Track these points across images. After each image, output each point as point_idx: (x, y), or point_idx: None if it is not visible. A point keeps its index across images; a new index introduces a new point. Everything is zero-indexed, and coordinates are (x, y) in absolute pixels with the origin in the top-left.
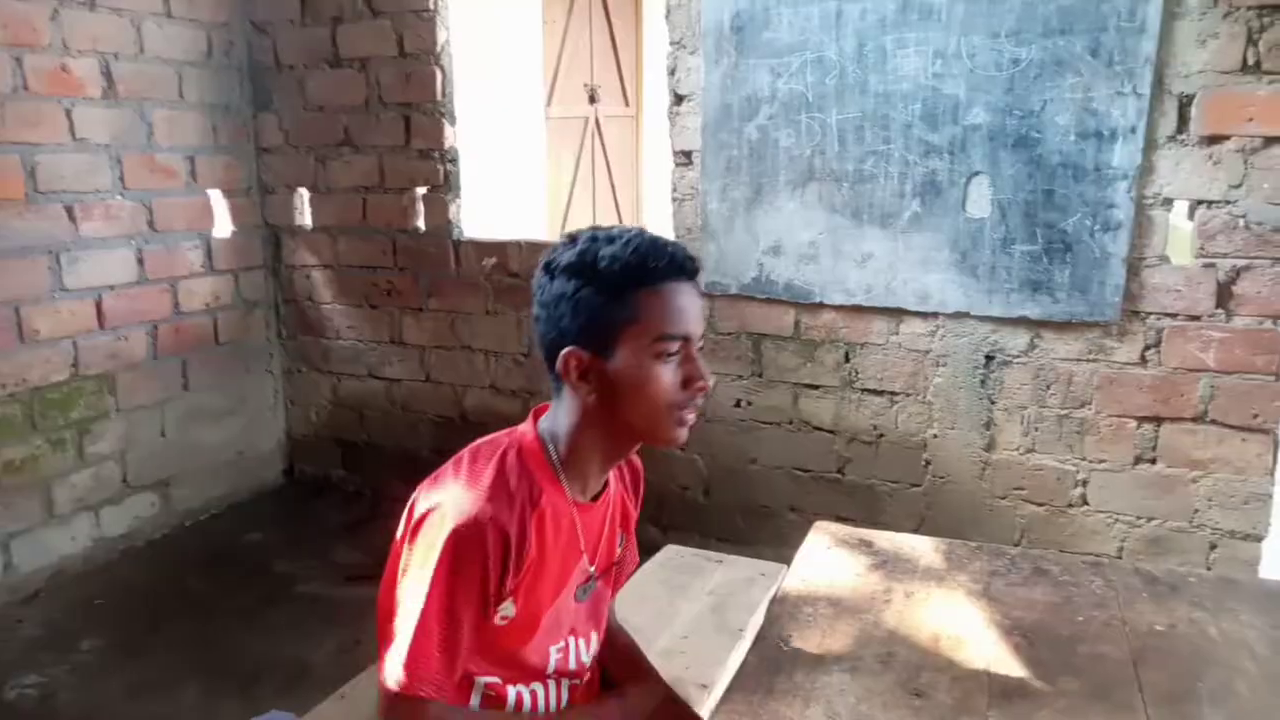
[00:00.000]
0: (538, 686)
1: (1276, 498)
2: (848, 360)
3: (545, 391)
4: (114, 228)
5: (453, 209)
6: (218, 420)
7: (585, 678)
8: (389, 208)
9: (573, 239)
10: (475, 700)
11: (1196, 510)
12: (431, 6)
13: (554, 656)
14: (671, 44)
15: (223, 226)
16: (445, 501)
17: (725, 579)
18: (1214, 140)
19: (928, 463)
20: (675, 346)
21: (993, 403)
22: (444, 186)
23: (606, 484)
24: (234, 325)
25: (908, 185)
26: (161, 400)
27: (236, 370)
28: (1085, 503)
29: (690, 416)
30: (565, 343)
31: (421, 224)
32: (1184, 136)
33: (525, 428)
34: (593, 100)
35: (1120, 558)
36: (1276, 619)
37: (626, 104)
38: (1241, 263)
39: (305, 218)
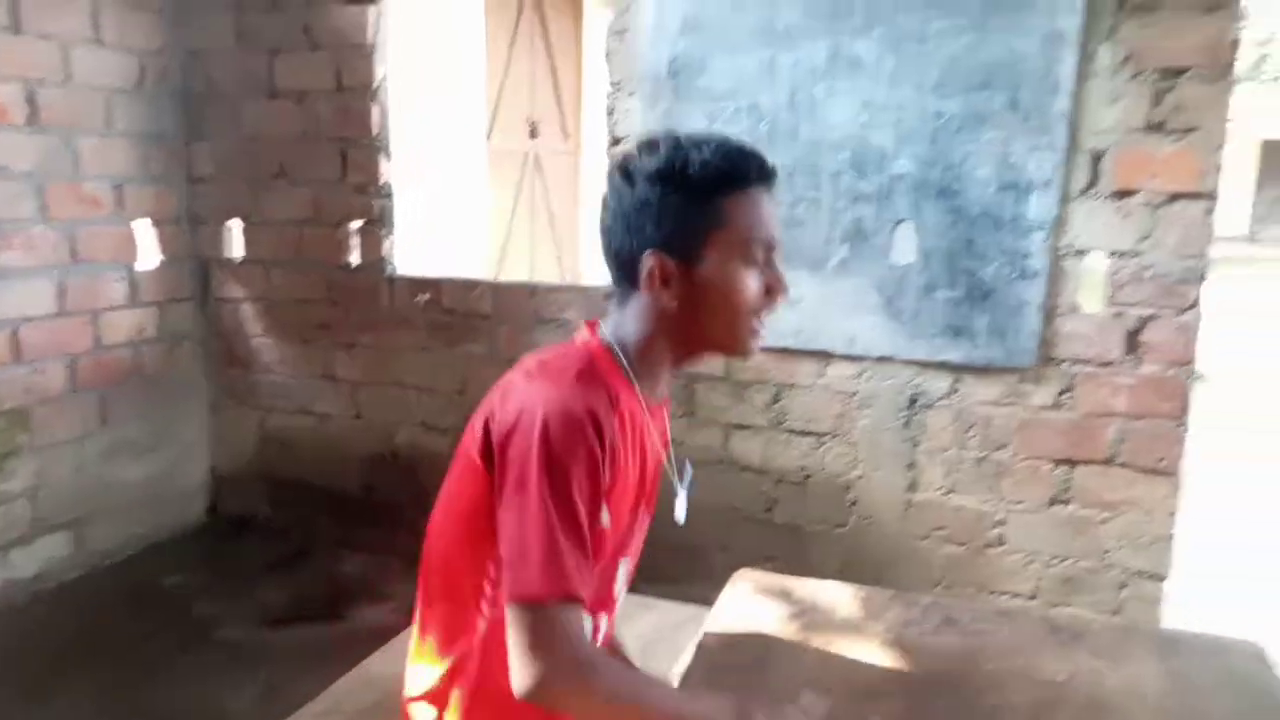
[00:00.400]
0: (602, 616)
1: (1179, 539)
2: (777, 401)
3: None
4: (34, 258)
5: (387, 244)
6: (138, 456)
7: (619, 603)
8: (324, 242)
9: (653, 145)
10: None
11: (1107, 550)
12: (370, 41)
13: (620, 573)
14: (610, 85)
15: (150, 257)
16: (533, 403)
17: (653, 623)
18: (1124, 194)
19: (853, 503)
20: (762, 252)
21: (915, 445)
22: (379, 222)
23: (666, 396)
24: (158, 359)
25: (836, 231)
26: (79, 436)
27: (160, 405)
28: (1003, 543)
29: (764, 328)
30: (647, 249)
31: (356, 259)
32: (1096, 190)
33: (587, 338)
34: (533, 134)
35: (1035, 597)
36: (1170, 666)
37: (566, 138)
38: (1148, 312)
39: (237, 250)
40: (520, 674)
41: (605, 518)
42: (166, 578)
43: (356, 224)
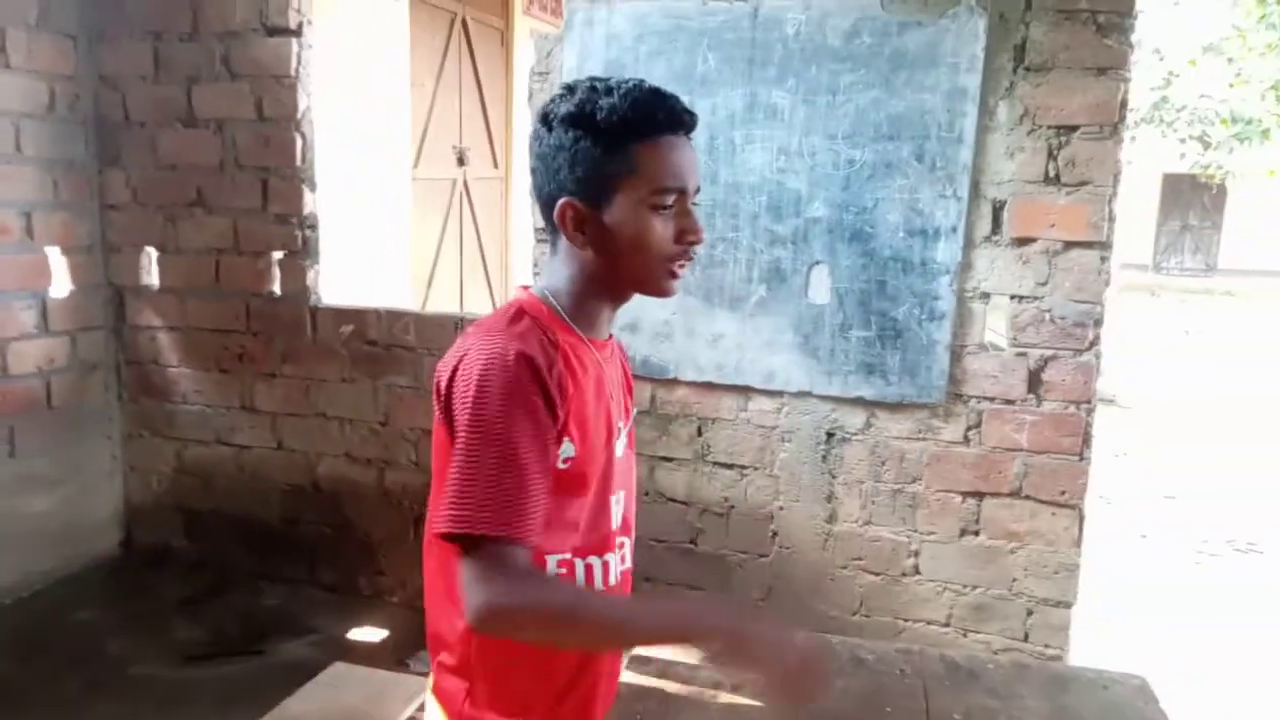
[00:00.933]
0: (610, 557)
1: (1084, 569)
2: (700, 434)
3: (402, 463)
4: None
5: (311, 275)
6: (47, 489)
7: (631, 534)
8: (243, 271)
9: (571, 89)
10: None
11: (1015, 579)
12: (293, 73)
13: (615, 509)
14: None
15: (60, 285)
16: (469, 354)
17: None
18: (1023, 242)
19: (775, 534)
20: (670, 200)
21: (834, 477)
22: (302, 252)
23: (610, 335)
24: (69, 388)
25: (755, 271)
26: None
27: (70, 435)
28: (918, 572)
29: (682, 270)
30: (562, 194)
31: (277, 289)
32: (998, 237)
33: (518, 294)
34: (461, 162)
35: (949, 625)
36: (1058, 703)
37: (496, 165)
38: (1049, 352)
39: (152, 278)
40: (467, 608)
41: (569, 449)
42: (77, 614)
43: (279, 254)
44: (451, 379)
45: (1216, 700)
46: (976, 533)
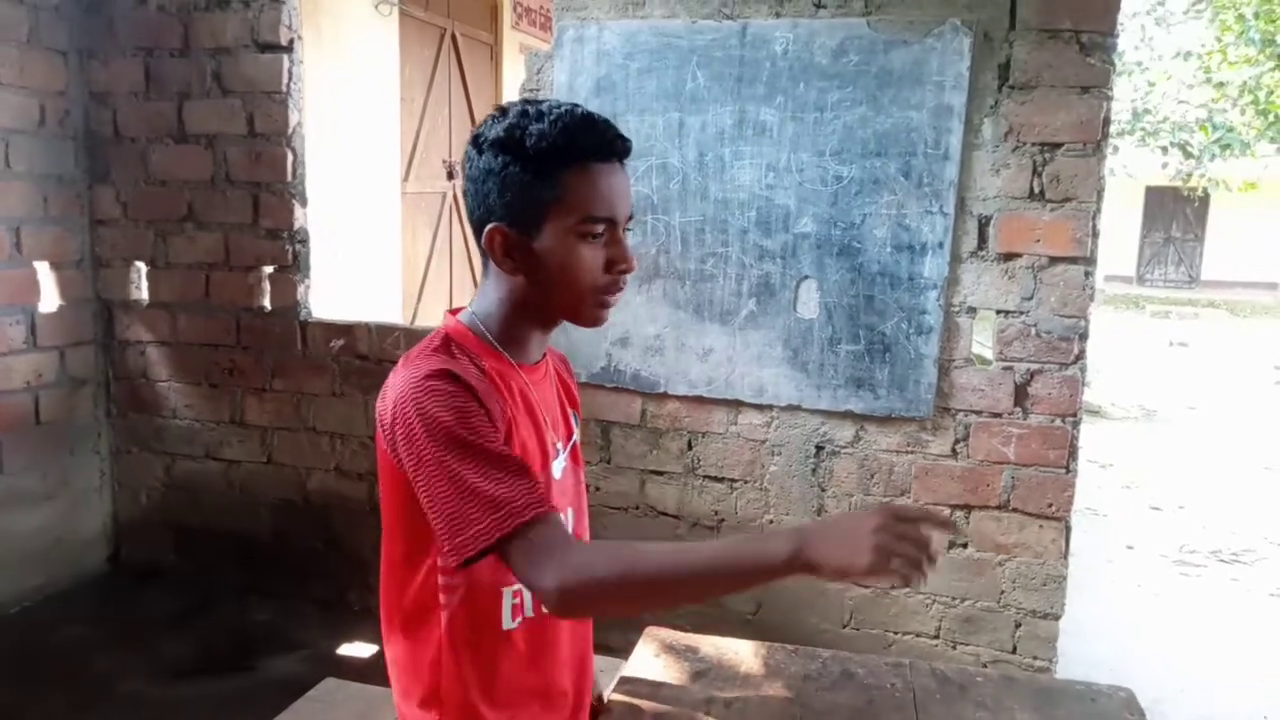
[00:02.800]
0: None
1: (1070, 580)
2: (690, 448)
3: None
4: None
5: (301, 289)
6: (36, 505)
7: None
8: (234, 286)
9: (503, 111)
10: (506, 613)
11: (1003, 591)
12: (284, 89)
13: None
14: None
15: (49, 300)
16: (400, 390)
17: None
18: (1009, 257)
19: None
20: (600, 229)
21: (823, 490)
22: (292, 267)
23: (544, 355)
24: (58, 404)
25: (744, 285)
26: None
27: (59, 451)
28: (907, 584)
29: (613, 299)
30: (491, 219)
31: (268, 303)
32: (984, 253)
33: (444, 321)
34: (451, 176)
35: (938, 637)
36: (1045, 716)
37: None
38: (1035, 366)
39: (142, 293)
40: (543, 602)
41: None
42: (65, 631)
43: (269, 269)
44: (394, 422)
45: (1201, 711)
46: (965, 545)
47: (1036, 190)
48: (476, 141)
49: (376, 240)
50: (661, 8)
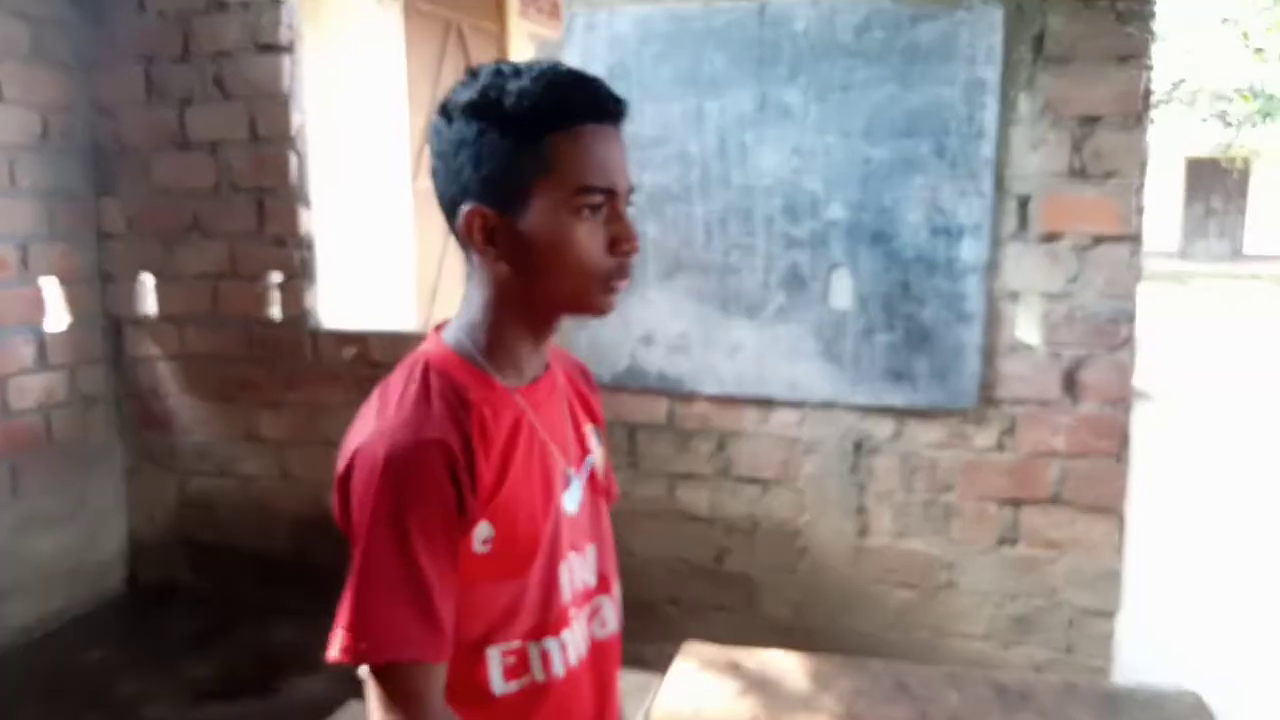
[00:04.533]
0: (565, 635)
1: (1127, 576)
2: (721, 449)
3: None
4: None
5: (309, 297)
6: (52, 527)
7: (597, 599)
8: (242, 296)
9: (474, 74)
10: (496, 676)
11: (1055, 589)
12: (285, 90)
13: (564, 578)
14: None
15: (58, 318)
16: (368, 440)
17: None
18: (1051, 238)
19: (803, 550)
20: (598, 200)
21: (863, 489)
22: (300, 274)
23: (548, 366)
24: (70, 423)
25: (772, 277)
26: None
27: (73, 471)
28: (954, 585)
29: (621, 283)
30: (466, 199)
31: (277, 313)
32: (1025, 234)
33: (427, 341)
34: None
35: (989, 638)
36: None
37: None
38: (1082, 351)
39: (150, 307)
40: None
41: (485, 530)
42: (86, 654)
43: (276, 277)
44: (349, 468)
45: (1270, 709)
46: (1015, 542)
47: (1077, 167)
48: (444, 109)
49: (388, 240)
50: None
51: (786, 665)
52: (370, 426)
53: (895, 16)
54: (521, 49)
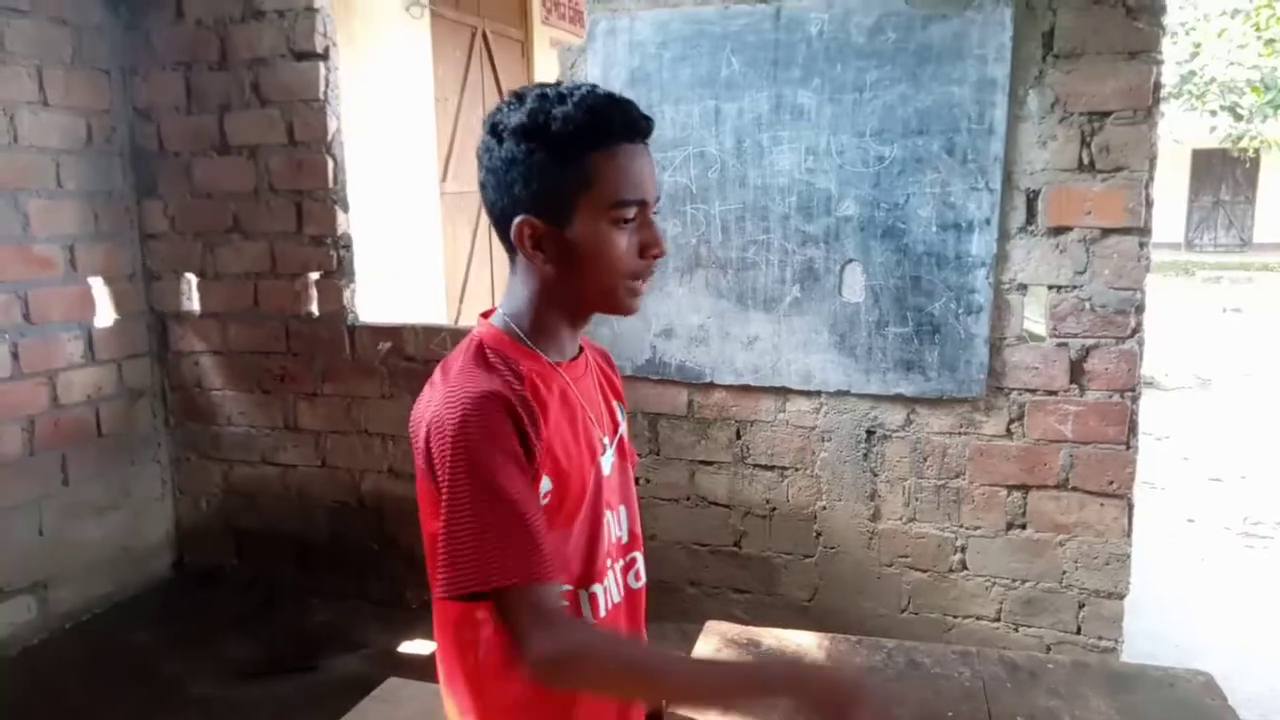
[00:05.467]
0: (607, 582)
1: (1135, 559)
2: (739, 437)
3: None
4: None
5: (347, 294)
6: (101, 514)
7: (633, 553)
8: (281, 293)
9: (520, 97)
10: None
11: (1065, 572)
12: (322, 96)
13: (610, 529)
14: None
15: (105, 315)
16: (438, 407)
17: None
18: (1059, 231)
19: (819, 534)
20: (632, 213)
21: (875, 475)
22: (337, 272)
23: (581, 349)
24: (117, 415)
25: (787, 272)
26: (39, 497)
27: (121, 461)
28: (965, 567)
29: (644, 286)
30: (518, 211)
31: (315, 309)
32: (1033, 228)
33: (479, 326)
34: None
35: (999, 620)
36: (1121, 702)
37: None
38: (1090, 341)
39: (193, 303)
40: (523, 663)
41: (546, 484)
42: (134, 636)
43: (315, 275)
44: (429, 435)
45: (1274, 685)
46: (1024, 526)
47: (1086, 161)
48: (495, 129)
49: (418, 241)
50: None
51: (804, 643)
52: (438, 395)
53: (908, 18)
54: (544, 53)
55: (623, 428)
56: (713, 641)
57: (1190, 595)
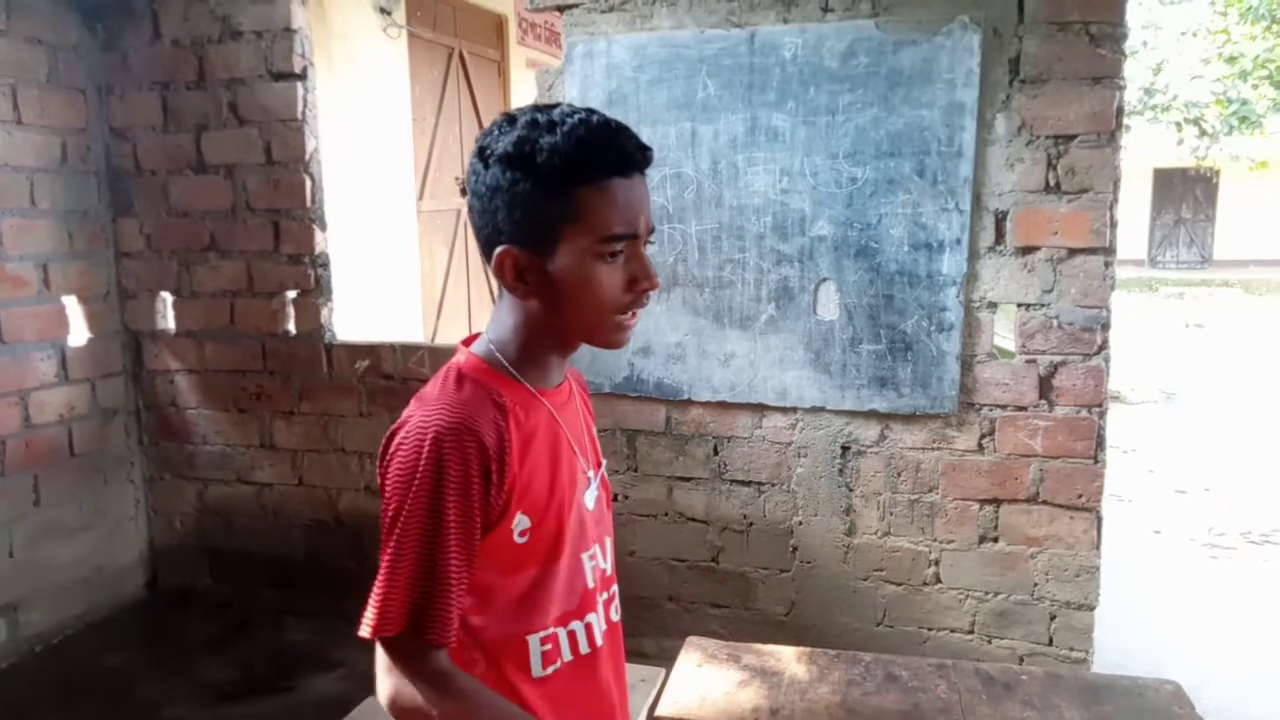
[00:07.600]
0: (591, 618)
1: (1104, 571)
2: (716, 453)
3: None
4: None
5: (324, 312)
6: (73, 535)
7: (613, 587)
8: (258, 312)
9: (512, 120)
10: (536, 662)
11: (1036, 584)
12: (300, 116)
13: (588, 566)
14: None
15: (79, 334)
16: (411, 424)
17: None
18: (1027, 250)
19: (795, 548)
20: (620, 246)
21: (851, 490)
22: (315, 291)
23: (564, 376)
24: (90, 435)
25: (763, 290)
26: (9, 519)
27: (94, 481)
28: (939, 580)
29: (633, 320)
30: (501, 240)
31: (292, 328)
32: (1002, 247)
33: (458, 354)
34: (464, 193)
35: (973, 632)
36: (1093, 713)
37: None
38: (1058, 358)
39: (169, 322)
40: (378, 695)
41: (523, 521)
42: (107, 658)
43: (292, 293)
44: (395, 449)
45: (1238, 694)
46: (996, 539)
47: (1052, 183)
48: (482, 154)
49: (395, 260)
50: (669, 19)
51: (784, 657)
52: (412, 414)
53: (879, 43)
54: (520, 74)
55: (604, 466)
56: (694, 657)
57: (1158, 606)
